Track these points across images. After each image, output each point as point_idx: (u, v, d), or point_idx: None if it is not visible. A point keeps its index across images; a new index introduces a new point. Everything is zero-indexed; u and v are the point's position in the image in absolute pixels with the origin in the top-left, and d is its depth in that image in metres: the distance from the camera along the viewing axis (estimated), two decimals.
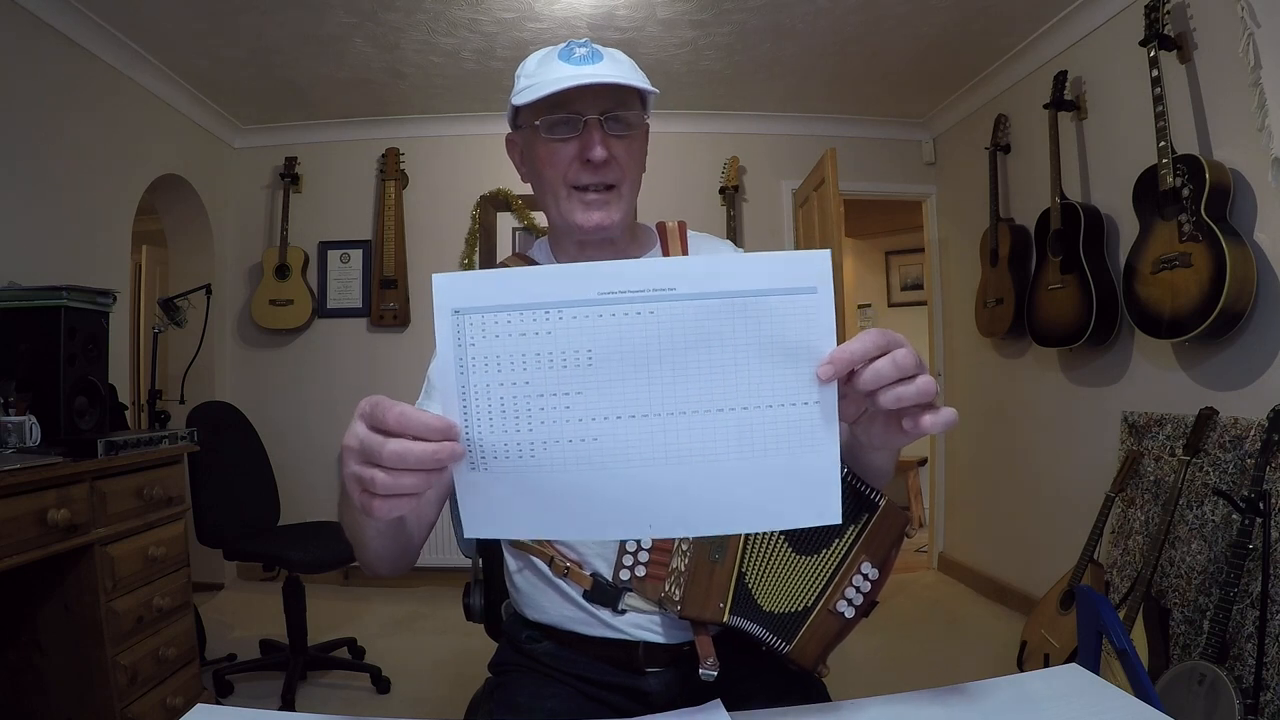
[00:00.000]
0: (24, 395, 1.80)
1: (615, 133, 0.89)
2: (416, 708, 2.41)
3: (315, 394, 3.84)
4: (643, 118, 0.92)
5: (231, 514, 2.57)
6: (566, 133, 0.88)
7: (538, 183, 0.95)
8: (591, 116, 0.87)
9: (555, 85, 0.84)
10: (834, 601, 0.86)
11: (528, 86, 0.88)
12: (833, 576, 0.86)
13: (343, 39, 2.98)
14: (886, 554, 0.86)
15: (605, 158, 0.88)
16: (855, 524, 0.86)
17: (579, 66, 0.87)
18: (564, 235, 0.98)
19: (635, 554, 0.87)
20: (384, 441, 0.52)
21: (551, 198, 0.93)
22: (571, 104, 0.87)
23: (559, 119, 0.88)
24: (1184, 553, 2.13)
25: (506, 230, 3.91)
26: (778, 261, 0.54)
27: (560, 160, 0.89)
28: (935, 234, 4.04)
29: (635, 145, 0.93)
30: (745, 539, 0.87)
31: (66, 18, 2.58)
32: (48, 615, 1.78)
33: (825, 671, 0.89)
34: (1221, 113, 2.15)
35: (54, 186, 2.59)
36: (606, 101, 0.88)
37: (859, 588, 0.86)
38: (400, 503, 0.54)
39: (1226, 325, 2.03)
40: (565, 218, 0.92)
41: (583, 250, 0.98)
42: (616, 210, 0.92)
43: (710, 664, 0.84)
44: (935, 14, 2.83)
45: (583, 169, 0.89)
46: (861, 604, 0.86)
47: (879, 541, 0.86)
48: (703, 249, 1.04)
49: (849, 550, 0.86)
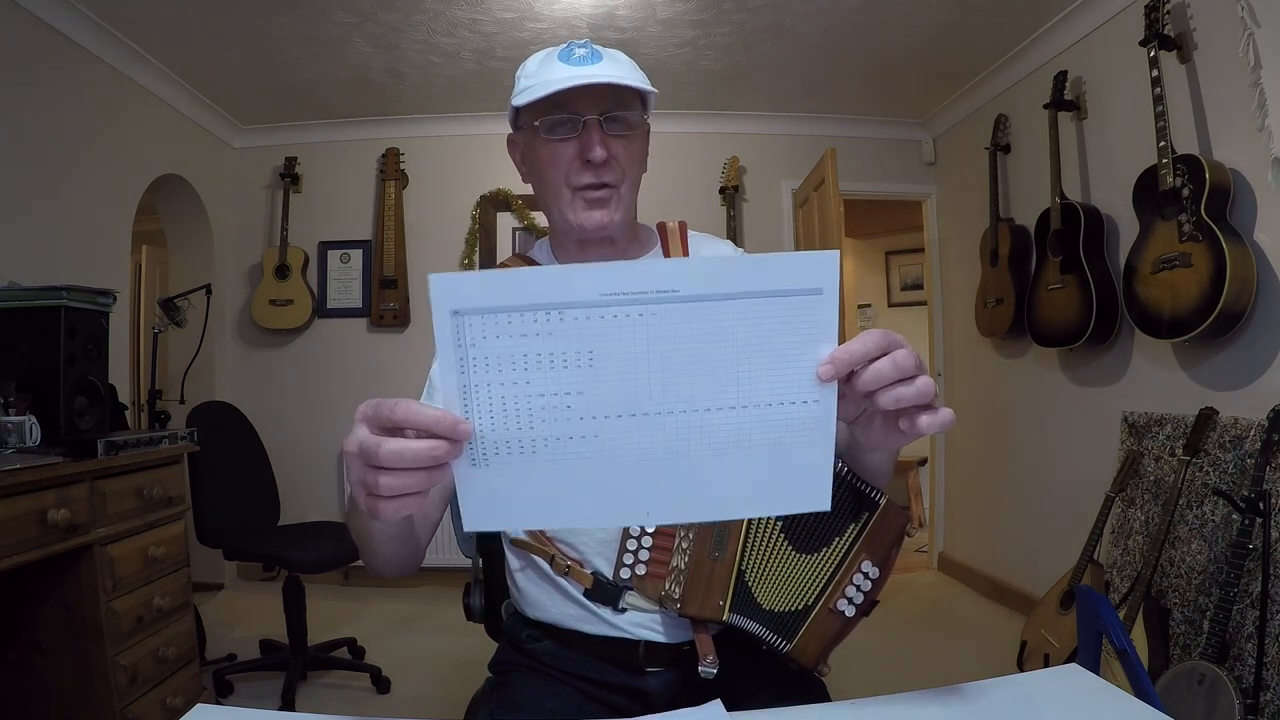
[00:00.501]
0: (24, 395, 1.79)
1: (615, 133, 0.89)
2: (416, 708, 2.41)
3: (315, 394, 3.84)
4: (643, 118, 0.93)
5: (231, 514, 2.57)
6: (566, 133, 0.88)
7: (538, 183, 0.95)
8: (591, 117, 0.88)
9: (554, 85, 0.85)
10: (834, 600, 0.86)
11: (528, 87, 0.88)
12: (833, 575, 0.86)
13: (343, 39, 2.98)
14: (887, 553, 0.86)
15: (605, 158, 0.88)
16: (855, 523, 0.86)
17: (578, 67, 0.87)
18: (565, 235, 0.98)
19: (635, 552, 0.87)
20: (380, 441, 0.52)
21: (552, 198, 0.93)
22: (571, 104, 0.87)
23: (558, 119, 0.88)
24: (1184, 553, 2.13)
25: (506, 230, 3.91)
26: (784, 263, 0.54)
27: (560, 160, 0.90)
28: (935, 234, 4.04)
29: (635, 145, 0.93)
30: (745, 536, 0.87)
31: (66, 18, 2.58)
32: (48, 615, 1.78)
33: (826, 670, 0.89)
34: (1221, 113, 2.15)
35: (54, 186, 2.59)
36: (606, 102, 0.88)
37: (859, 586, 0.86)
38: (405, 503, 0.54)
39: (1226, 325, 2.03)
40: (566, 218, 0.93)
41: (583, 250, 0.98)
42: (617, 210, 0.93)
43: (710, 662, 0.84)
44: (935, 14, 2.83)
45: (583, 169, 0.90)
46: (862, 603, 0.86)
47: (879, 540, 0.86)
48: (703, 249, 1.04)
49: (849, 549, 0.86)
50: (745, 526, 0.87)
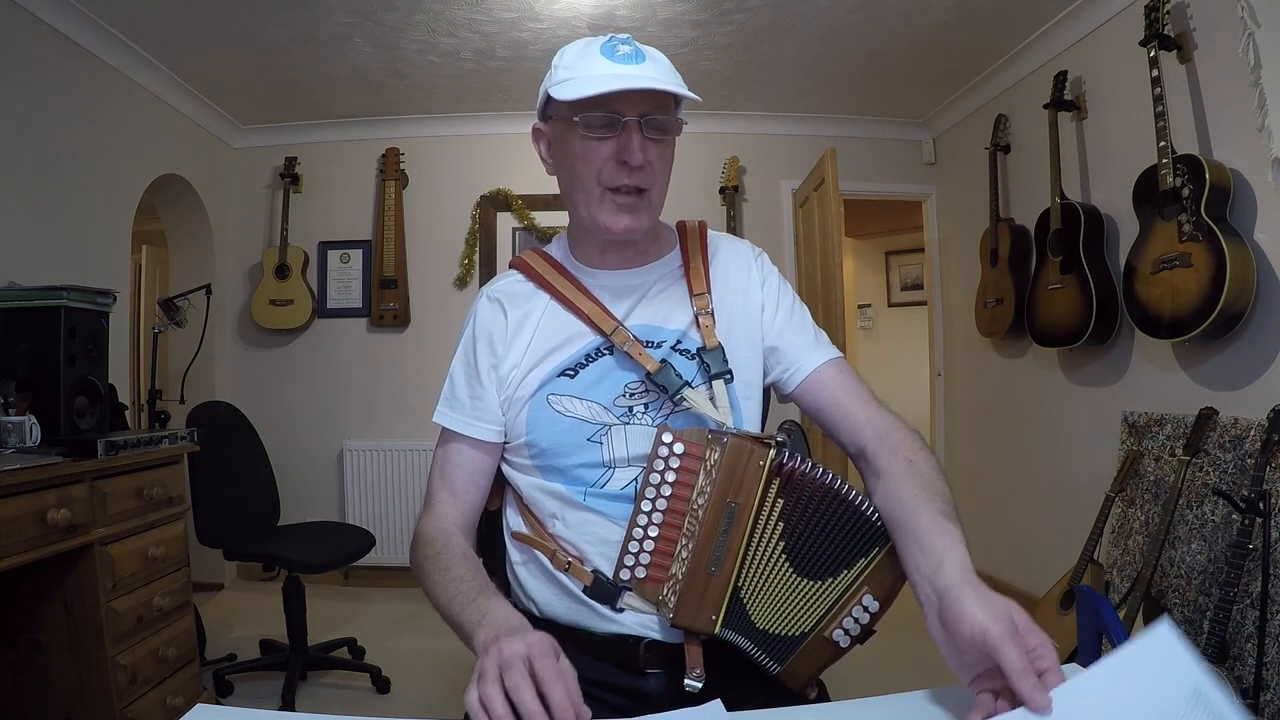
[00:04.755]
0: (24, 395, 1.80)
1: (652, 136, 0.88)
2: (416, 708, 2.41)
3: (315, 394, 3.84)
4: (679, 122, 0.91)
5: (231, 514, 2.57)
6: (605, 132, 0.87)
7: (567, 177, 0.93)
8: (631, 118, 0.86)
9: (602, 85, 0.83)
10: (831, 630, 0.84)
11: (568, 79, 0.86)
12: (834, 605, 0.84)
13: (343, 39, 2.98)
14: (890, 588, 0.84)
15: (642, 162, 0.87)
16: (865, 557, 0.84)
17: (623, 65, 0.85)
18: (587, 233, 0.97)
19: (637, 555, 0.87)
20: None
21: (582, 195, 0.92)
22: (613, 103, 0.86)
23: (599, 117, 0.86)
24: (1184, 553, 2.13)
25: (506, 230, 3.90)
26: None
27: (595, 158, 0.88)
28: (935, 234, 4.04)
29: (668, 150, 0.92)
30: (744, 553, 0.85)
31: (66, 18, 2.58)
32: (48, 615, 1.78)
33: (813, 693, 0.88)
34: (1221, 113, 2.15)
35: (54, 186, 2.59)
36: (647, 104, 0.87)
37: (858, 619, 0.84)
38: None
39: (1226, 325, 2.03)
40: (594, 218, 0.92)
41: (603, 251, 0.98)
42: (645, 216, 0.92)
43: (696, 675, 0.83)
44: (935, 14, 2.83)
45: (618, 170, 0.88)
46: (859, 634, 0.85)
47: (885, 575, 0.83)
48: (722, 247, 1.04)
49: (854, 583, 0.84)
50: (745, 543, 0.85)
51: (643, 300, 0.98)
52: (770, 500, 0.85)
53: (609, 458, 0.91)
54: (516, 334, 0.97)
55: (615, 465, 0.91)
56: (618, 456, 0.91)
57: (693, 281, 0.98)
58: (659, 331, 0.95)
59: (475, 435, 0.97)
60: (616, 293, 0.98)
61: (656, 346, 0.94)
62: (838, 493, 0.84)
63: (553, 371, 0.94)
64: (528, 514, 0.96)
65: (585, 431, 0.91)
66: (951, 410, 3.93)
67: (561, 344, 0.95)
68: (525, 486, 0.95)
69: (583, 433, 0.91)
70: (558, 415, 0.92)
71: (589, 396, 0.92)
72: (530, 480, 0.95)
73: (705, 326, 0.95)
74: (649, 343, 0.94)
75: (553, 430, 0.92)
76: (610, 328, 0.93)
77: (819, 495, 0.84)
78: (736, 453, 0.84)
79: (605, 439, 0.91)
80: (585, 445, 0.91)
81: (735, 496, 0.84)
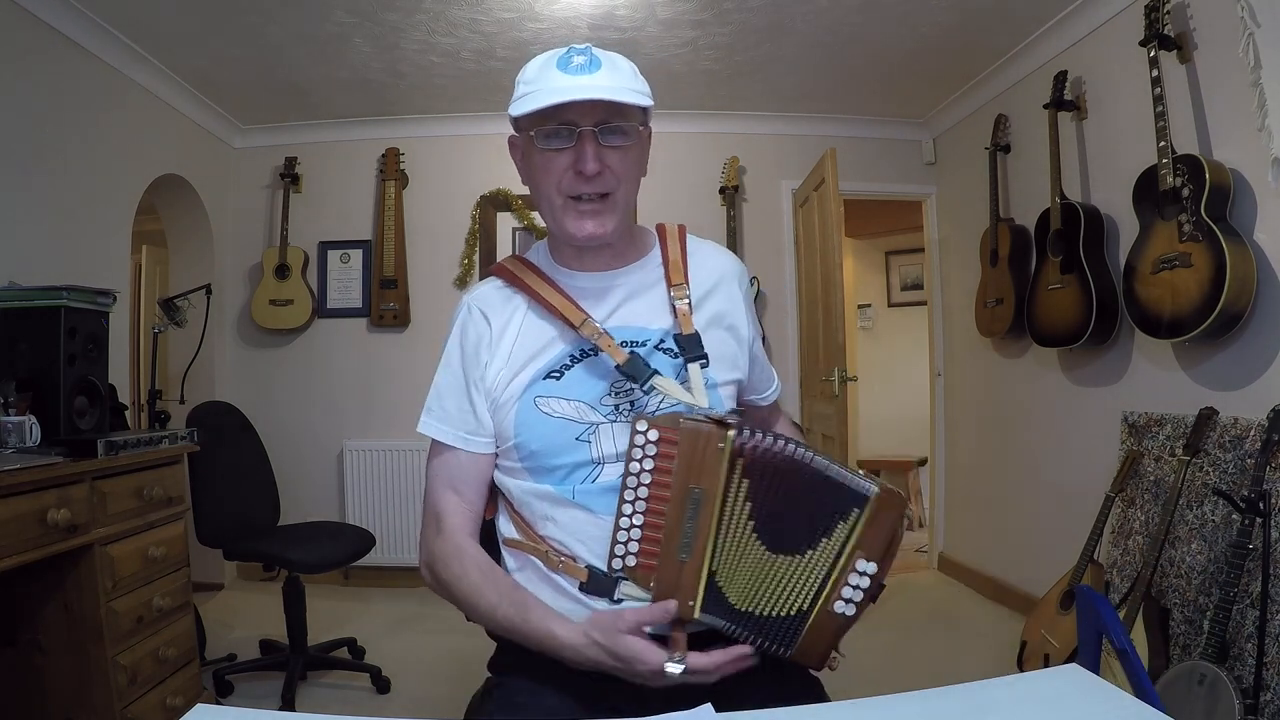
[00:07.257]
0: (24, 395, 1.80)
1: (610, 144, 0.90)
2: (416, 708, 2.41)
3: (315, 394, 3.84)
4: (638, 128, 0.93)
5: (231, 514, 2.57)
6: (561, 143, 0.89)
7: (534, 189, 0.96)
8: (586, 128, 0.88)
9: (549, 98, 0.85)
10: (832, 603, 0.84)
11: (525, 94, 0.89)
12: (826, 578, 0.84)
13: (343, 39, 2.98)
14: (885, 546, 0.83)
15: (598, 170, 0.89)
16: (845, 521, 0.83)
17: (575, 76, 0.87)
18: (561, 240, 1.00)
19: (626, 544, 0.87)
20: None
21: (546, 205, 0.95)
22: (566, 114, 0.87)
23: (553, 129, 0.89)
24: (1184, 553, 2.13)
25: (506, 230, 3.91)
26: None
27: (554, 169, 0.91)
28: (935, 234, 4.04)
29: (631, 155, 0.93)
30: (714, 537, 0.85)
31: (66, 18, 2.58)
32: (48, 615, 1.78)
33: (837, 662, 0.88)
34: (1221, 113, 2.15)
35: (54, 186, 2.59)
36: (602, 113, 0.88)
37: (857, 585, 0.83)
38: None
39: (1226, 325, 2.03)
40: (560, 226, 0.94)
41: (580, 255, 1.00)
42: (610, 220, 0.94)
43: (677, 659, 0.82)
44: (935, 13, 2.83)
45: (576, 180, 0.91)
46: (861, 600, 0.84)
47: (874, 535, 0.82)
48: (701, 252, 1.06)
49: (841, 550, 0.83)
50: (714, 528, 0.84)
51: (625, 302, 1.00)
52: (735, 481, 0.85)
53: (598, 455, 0.92)
54: (499, 340, 0.99)
55: (604, 462, 0.92)
56: (606, 453, 0.92)
57: (671, 275, 1.01)
58: (643, 332, 0.97)
59: (472, 450, 0.99)
60: (598, 295, 1.00)
61: (640, 346, 0.96)
62: (801, 461, 0.84)
63: (538, 374, 0.95)
64: (518, 519, 0.97)
65: (573, 431, 0.93)
66: (951, 410, 3.93)
67: (544, 346, 0.97)
68: (516, 490, 0.97)
69: (571, 432, 0.93)
70: (545, 416, 0.93)
71: (575, 396, 0.94)
72: (520, 484, 0.96)
73: (682, 314, 0.97)
74: (633, 343, 0.95)
75: (541, 431, 0.93)
76: (579, 320, 0.94)
77: (784, 469, 0.84)
78: (693, 437, 0.85)
79: (593, 437, 0.92)
80: (574, 445, 0.92)
81: (698, 481, 0.85)
